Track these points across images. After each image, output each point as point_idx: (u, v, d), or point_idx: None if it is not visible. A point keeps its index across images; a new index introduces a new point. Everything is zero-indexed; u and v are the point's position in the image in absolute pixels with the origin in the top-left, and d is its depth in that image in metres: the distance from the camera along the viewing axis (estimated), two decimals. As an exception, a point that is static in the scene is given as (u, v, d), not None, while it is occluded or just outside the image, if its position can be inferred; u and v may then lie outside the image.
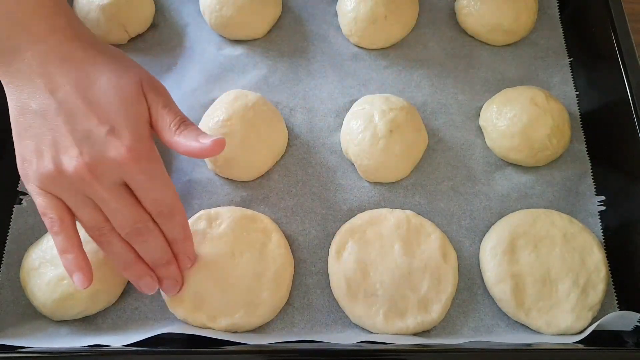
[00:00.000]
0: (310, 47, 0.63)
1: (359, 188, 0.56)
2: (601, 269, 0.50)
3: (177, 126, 0.44)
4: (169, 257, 0.46)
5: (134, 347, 0.45)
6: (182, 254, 0.47)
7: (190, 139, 0.43)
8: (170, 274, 0.47)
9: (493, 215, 0.55)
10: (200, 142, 0.43)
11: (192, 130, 0.44)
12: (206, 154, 0.43)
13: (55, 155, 0.41)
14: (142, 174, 0.42)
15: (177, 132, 0.44)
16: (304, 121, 0.59)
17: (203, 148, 0.43)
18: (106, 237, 0.43)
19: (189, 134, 0.44)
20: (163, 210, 0.44)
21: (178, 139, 0.44)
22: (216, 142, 0.43)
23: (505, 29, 0.62)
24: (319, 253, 0.53)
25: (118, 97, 0.42)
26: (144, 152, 0.42)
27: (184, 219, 0.46)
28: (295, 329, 0.49)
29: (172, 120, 0.44)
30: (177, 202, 0.45)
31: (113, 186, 0.42)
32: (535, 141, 0.54)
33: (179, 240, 0.46)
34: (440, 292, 0.49)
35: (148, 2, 0.64)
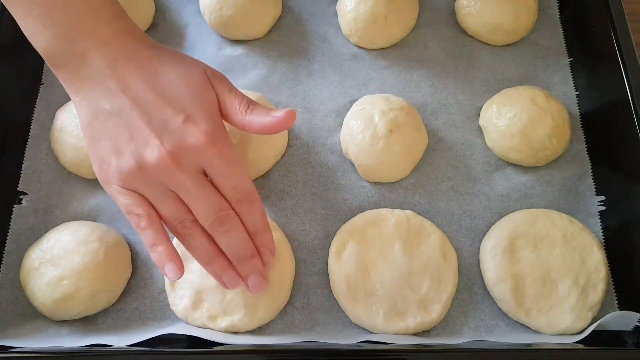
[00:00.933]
0: (310, 47, 0.63)
1: (359, 188, 0.56)
2: (601, 269, 0.50)
3: (246, 107, 0.45)
4: (252, 249, 0.46)
5: (134, 347, 0.45)
6: (264, 247, 0.46)
7: (263, 116, 0.44)
8: (256, 269, 0.46)
9: (493, 215, 0.55)
10: (273, 116, 0.44)
11: (261, 108, 0.45)
12: (281, 126, 0.44)
13: (135, 149, 0.41)
14: (220, 159, 0.42)
15: (248, 112, 0.45)
16: (304, 121, 0.59)
17: (278, 121, 0.44)
18: (189, 229, 0.43)
19: (260, 112, 0.45)
20: (242, 197, 0.44)
21: (250, 117, 0.44)
22: (289, 113, 0.44)
23: (505, 29, 0.62)
24: (319, 253, 0.53)
25: (188, 88, 0.43)
26: (220, 137, 0.43)
27: (262, 208, 0.46)
28: (295, 329, 0.49)
29: (240, 103, 0.45)
30: (255, 190, 0.45)
31: (195, 174, 0.42)
32: (535, 141, 0.54)
33: (259, 232, 0.46)
34: (440, 292, 0.49)
35: (148, 2, 0.64)
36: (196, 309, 0.48)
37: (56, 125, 0.55)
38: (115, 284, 0.50)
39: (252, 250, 0.46)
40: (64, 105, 0.57)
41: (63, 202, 0.54)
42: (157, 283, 0.51)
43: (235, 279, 0.45)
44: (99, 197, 0.54)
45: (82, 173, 0.55)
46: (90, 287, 0.48)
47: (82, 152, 0.53)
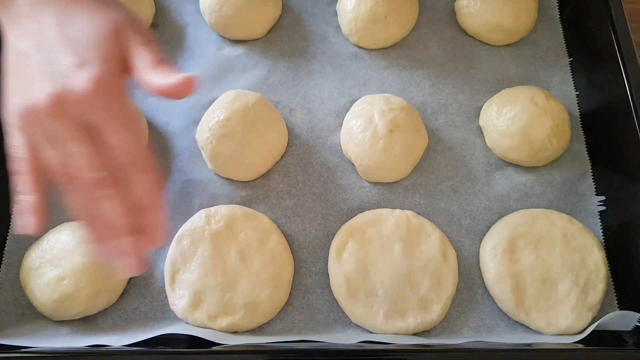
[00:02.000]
0: (310, 47, 0.63)
1: (359, 188, 0.56)
2: (601, 269, 0.50)
3: (152, 64, 0.41)
4: (129, 226, 0.40)
5: (134, 347, 0.45)
6: (151, 226, 0.41)
7: (163, 76, 0.40)
8: (129, 248, 0.40)
9: (493, 215, 0.55)
10: (171, 78, 0.40)
11: (169, 69, 0.41)
12: (177, 92, 0.40)
13: (28, 90, 0.39)
14: (106, 112, 0.39)
15: (151, 69, 0.41)
16: (304, 121, 0.59)
17: (173, 84, 0.40)
18: (73, 184, 0.39)
19: (164, 71, 0.41)
20: (129, 161, 0.40)
21: (151, 75, 0.41)
22: (186, 78, 0.40)
23: (505, 29, 0.62)
24: (319, 253, 0.53)
25: (93, 34, 0.41)
26: (113, 88, 0.40)
27: (155, 181, 0.41)
28: (295, 329, 0.49)
29: (148, 58, 0.41)
30: (148, 158, 0.40)
31: (77, 125, 0.39)
32: (535, 141, 0.54)
33: (147, 207, 0.40)
34: (440, 292, 0.49)
35: (148, 2, 0.64)
36: (196, 309, 0.48)
37: (56, 125, 0.55)
38: (115, 284, 0.50)
39: (127, 227, 0.40)
40: (64, 105, 0.56)
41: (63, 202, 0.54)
42: (157, 283, 0.51)
43: (117, 249, 0.40)
44: (99, 197, 0.54)
45: (82, 173, 0.54)
46: (90, 287, 0.48)
47: (82, 152, 0.53)
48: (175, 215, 0.54)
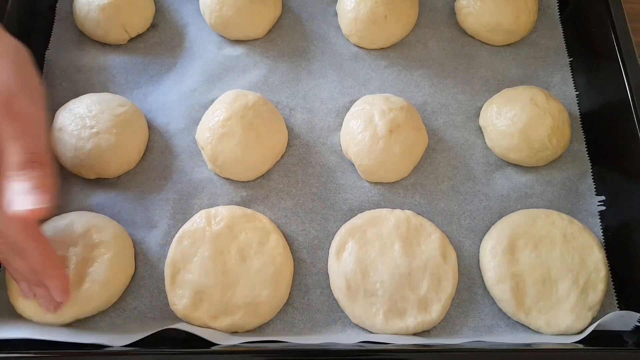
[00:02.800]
0: (310, 47, 0.63)
1: (359, 188, 0.56)
2: (601, 269, 0.50)
3: (19, 165, 0.37)
4: (35, 281, 0.45)
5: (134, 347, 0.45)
6: (50, 288, 0.45)
7: (16, 191, 0.37)
8: (42, 294, 0.46)
9: (493, 215, 0.55)
10: (24, 197, 0.37)
11: (35, 176, 0.38)
12: (18, 216, 0.38)
13: None
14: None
15: (14, 173, 0.38)
16: (304, 121, 0.59)
17: (15, 214, 0.37)
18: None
19: (23, 182, 0.37)
20: (10, 245, 0.42)
21: (9, 182, 0.37)
22: (31, 211, 0.37)
23: (505, 29, 0.62)
24: (319, 253, 0.53)
25: None
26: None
27: (40, 256, 0.43)
28: (295, 329, 0.49)
29: (16, 155, 0.38)
30: (26, 239, 0.42)
31: None
32: (535, 141, 0.54)
33: (41, 274, 0.45)
34: (440, 292, 0.49)
35: (148, 2, 0.64)
36: (196, 309, 0.48)
37: (56, 125, 0.55)
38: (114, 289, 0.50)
39: (35, 281, 0.45)
40: (64, 106, 0.57)
41: (63, 202, 0.54)
42: (157, 283, 0.51)
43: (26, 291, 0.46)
44: (99, 197, 0.54)
45: (82, 173, 0.55)
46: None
47: (82, 152, 0.53)
48: (175, 215, 0.54)
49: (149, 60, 0.62)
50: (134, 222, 0.53)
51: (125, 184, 0.55)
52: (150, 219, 0.54)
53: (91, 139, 0.53)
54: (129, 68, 0.62)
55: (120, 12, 0.61)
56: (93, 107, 0.55)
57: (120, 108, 0.55)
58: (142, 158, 0.57)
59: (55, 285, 0.46)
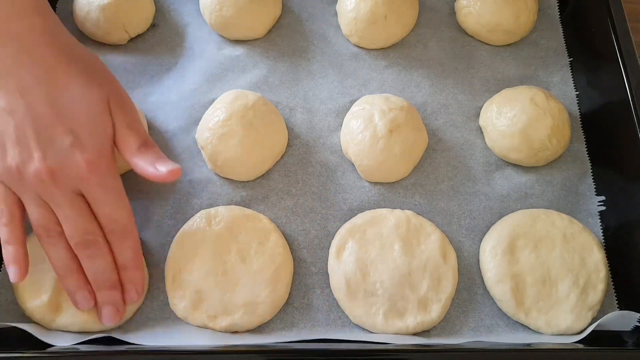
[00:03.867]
0: (310, 47, 0.63)
1: (359, 188, 0.56)
2: (601, 269, 0.50)
3: (138, 147, 0.46)
4: (114, 281, 0.46)
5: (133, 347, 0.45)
6: (130, 283, 0.46)
7: (148, 163, 0.45)
8: (112, 300, 0.46)
9: (493, 215, 0.55)
10: (155, 168, 0.45)
11: (152, 153, 0.46)
12: (160, 180, 0.45)
13: (18, 154, 0.42)
14: (98, 187, 0.43)
15: (137, 153, 0.45)
16: (304, 121, 0.59)
17: (156, 175, 0.44)
18: (53, 238, 0.44)
19: (148, 157, 0.45)
20: (115, 228, 0.45)
21: (136, 160, 0.45)
22: (171, 172, 0.45)
23: (505, 29, 0.62)
24: (319, 253, 0.53)
25: (85, 110, 0.43)
26: (103, 167, 0.44)
27: (136, 246, 0.47)
28: (295, 329, 0.49)
29: (135, 141, 0.46)
30: (132, 226, 0.46)
31: (70, 194, 0.43)
32: (535, 141, 0.54)
33: (128, 267, 0.46)
34: (440, 292, 0.49)
35: (148, 2, 0.64)
36: (196, 309, 0.49)
37: (56, 125, 0.55)
38: None
39: (112, 281, 0.46)
40: (64, 105, 0.56)
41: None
42: (157, 283, 0.51)
43: (87, 300, 0.46)
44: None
45: (82, 173, 0.55)
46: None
47: (82, 152, 0.53)
48: (175, 215, 0.54)
49: (149, 60, 0.62)
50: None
51: (125, 184, 0.55)
52: (150, 219, 0.54)
53: (91, 139, 0.53)
54: (129, 68, 0.62)
55: (120, 12, 0.61)
56: (93, 107, 0.55)
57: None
58: (142, 158, 0.57)
59: (141, 278, 0.47)
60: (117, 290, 0.46)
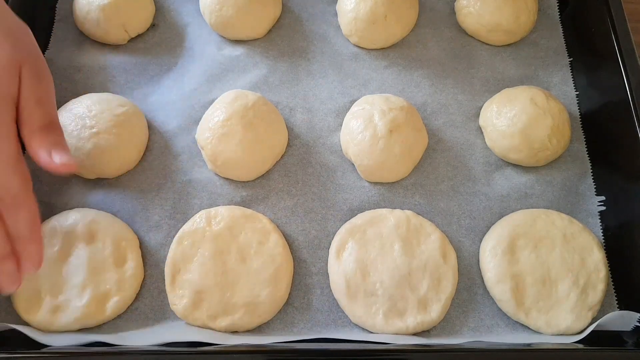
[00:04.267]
0: (310, 47, 0.63)
1: (359, 188, 0.56)
2: (601, 269, 0.50)
3: (40, 126, 0.43)
4: (5, 253, 0.42)
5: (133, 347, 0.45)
6: (24, 255, 0.43)
7: (43, 148, 0.42)
8: (5, 271, 0.42)
9: (493, 215, 0.55)
10: (49, 157, 0.42)
11: (53, 137, 0.43)
12: (50, 170, 0.42)
13: None
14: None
15: (37, 132, 0.42)
16: (304, 121, 0.59)
17: (49, 164, 0.42)
18: None
19: (46, 141, 0.42)
20: (4, 196, 0.41)
21: (31, 140, 0.42)
22: (64, 165, 0.42)
23: (505, 29, 0.62)
24: (319, 253, 0.53)
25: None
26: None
27: (31, 217, 0.43)
28: (295, 329, 0.49)
29: (39, 119, 0.43)
30: (25, 196, 0.42)
31: None
32: (535, 141, 0.54)
33: (21, 238, 0.42)
34: (440, 292, 0.49)
35: (148, 2, 0.64)
36: (196, 309, 0.49)
37: (56, 125, 0.55)
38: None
39: (4, 252, 0.42)
40: (64, 106, 0.57)
41: (63, 202, 0.54)
42: (157, 283, 0.51)
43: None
44: (99, 197, 0.54)
45: (82, 173, 0.55)
46: None
47: (82, 152, 0.53)
48: (175, 215, 0.54)
49: (149, 60, 0.62)
50: (134, 222, 0.53)
51: (125, 184, 0.55)
52: (150, 219, 0.54)
53: (91, 139, 0.53)
54: (129, 68, 0.62)
55: (120, 12, 0.61)
56: (93, 107, 0.55)
57: (120, 108, 0.55)
58: (142, 158, 0.57)
59: (37, 251, 0.44)
60: (9, 260, 0.42)
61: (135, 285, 0.50)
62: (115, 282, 0.49)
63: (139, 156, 0.56)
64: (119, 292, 0.49)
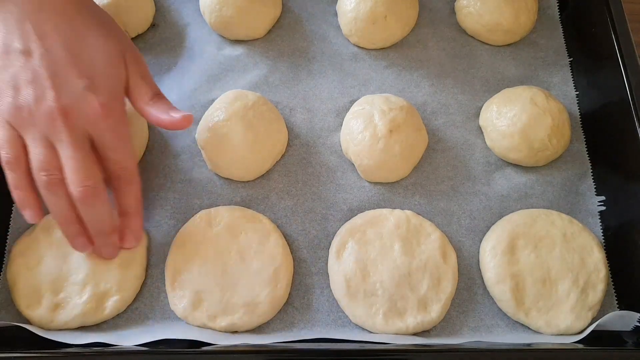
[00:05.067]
0: (310, 47, 0.63)
1: (359, 188, 0.56)
2: (601, 269, 0.50)
3: (151, 97, 0.48)
4: (113, 227, 0.47)
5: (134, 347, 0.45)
6: (128, 230, 0.48)
7: (161, 111, 0.47)
8: (109, 243, 0.47)
9: (493, 215, 0.55)
10: (170, 115, 0.47)
11: (165, 103, 0.48)
12: (173, 127, 0.47)
13: (32, 92, 0.43)
14: (109, 131, 0.44)
15: (151, 102, 0.47)
16: (304, 121, 0.59)
17: (172, 121, 0.47)
18: (53, 183, 0.43)
19: (161, 106, 0.47)
20: (122, 174, 0.46)
21: (150, 108, 0.47)
22: (185, 118, 0.47)
23: (505, 29, 0.62)
24: (319, 253, 0.53)
25: (100, 57, 0.45)
26: (115, 112, 0.45)
27: (139, 192, 0.48)
28: (295, 329, 0.49)
29: (148, 91, 0.48)
30: (137, 173, 0.47)
31: (79, 136, 0.43)
32: (535, 141, 0.54)
33: (129, 213, 0.48)
34: (440, 292, 0.49)
35: (148, 2, 0.64)
36: (196, 309, 0.49)
37: (56, 125, 0.55)
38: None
39: (112, 227, 0.47)
40: (64, 105, 0.56)
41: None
42: (157, 283, 0.51)
43: (85, 246, 0.47)
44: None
45: (82, 173, 0.55)
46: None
47: (82, 152, 0.53)
48: (175, 215, 0.54)
49: (149, 60, 0.62)
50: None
51: (125, 184, 0.55)
52: (150, 219, 0.54)
53: (91, 139, 0.53)
54: (129, 68, 0.62)
55: (120, 12, 0.61)
56: (93, 107, 0.55)
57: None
58: (142, 158, 0.57)
59: (140, 225, 0.49)
60: (115, 234, 0.47)
61: (136, 285, 0.50)
62: (116, 281, 0.49)
63: (139, 156, 0.56)
64: (120, 291, 0.49)
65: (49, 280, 0.49)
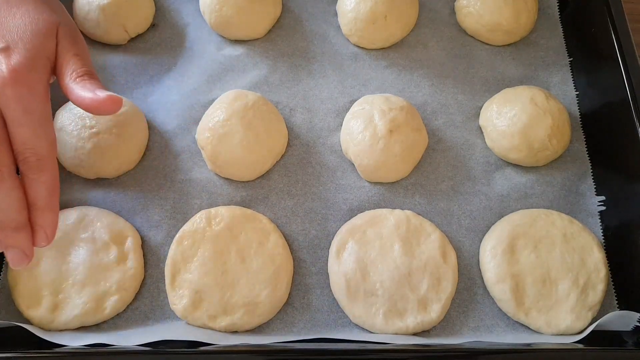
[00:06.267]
0: (310, 47, 0.63)
1: (359, 188, 0.56)
2: (601, 269, 0.50)
3: (80, 75, 0.42)
4: (21, 222, 0.39)
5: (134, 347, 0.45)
6: (39, 226, 0.40)
7: (86, 90, 0.41)
8: (17, 243, 0.40)
9: (493, 215, 0.55)
10: (94, 94, 0.41)
11: (94, 83, 0.42)
12: (96, 108, 0.41)
13: None
14: (17, 103, 0.38)
15: (78, 79, 0.42)
16: (304, 121, 0.59)
17: (95, 100, 0.41)
18: None
19: (87, 85, 0.42)
20: (29, 157, 0.39)
21: (74, 85, 0.42)
22: (110, 98, 0.41)
23: (505, 28, 0.62)
24: (319, 253, 0.53)
25: (28, 26, 0.42)
26: (29, 83, 0.39)
27: (52, 184, 0.40)
28: (295, 329, 0.49)
29: (77, 69, 0.43)
30: (50, 161, 0.40)
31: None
32: (535, 141, 0.54)
33: (38, 207, 0.40)
34: (440, 292, 0.49)
35: (148, 2, 0.64)
36: (196, 309, 0.49)
37: (56, 124, 0.55)
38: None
39: (18, 222, 0.39)
40: (64, 106, 0.57)
41: (63, 202, 0.54)
42: (157, 283, 0.51)
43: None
44: (99, 197, 0.54)
45: (82, 173, 0.55)
46: None
47: (82, 152, 0.53)
48: (175, 215, 0.54)
49: (149, 60, 0.62)
50: (134, 222, 0.53)
51: (125, 183, 0.55)
52: (150, 218, 0.54)
53: (91, 139, 0.53)
54: (129, 68, 0.62)
55: (120, 12, 0.61)
56: (93, 107, 0.55)
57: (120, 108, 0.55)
58: (142, 158, 0.57)
59: (52, 221, 0.41)
60: (23, 232, 0.40)
61: (135, 285, 0.50)
62: (115, 281, 0.49)
63: (139, 156, 0.56)
64: (119, 291, 0.49)
65: (49, 280, 0.49)
